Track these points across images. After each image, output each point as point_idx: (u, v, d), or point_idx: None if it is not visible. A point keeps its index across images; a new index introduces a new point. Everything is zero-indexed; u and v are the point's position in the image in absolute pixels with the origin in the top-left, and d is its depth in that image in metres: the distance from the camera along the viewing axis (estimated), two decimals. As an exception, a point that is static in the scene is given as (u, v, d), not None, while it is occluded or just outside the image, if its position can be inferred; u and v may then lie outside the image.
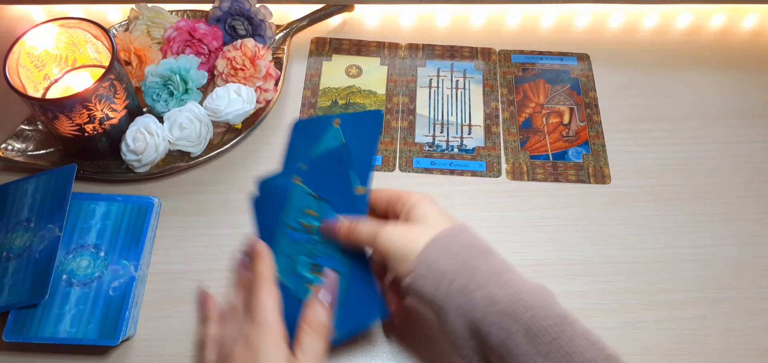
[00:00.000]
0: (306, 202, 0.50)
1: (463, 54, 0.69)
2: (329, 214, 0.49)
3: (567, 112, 0.66)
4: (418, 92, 0.67)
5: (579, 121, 0.65)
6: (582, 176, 0.61)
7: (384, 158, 0.62)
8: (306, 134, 0.53)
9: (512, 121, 0.65)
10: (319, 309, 0.44)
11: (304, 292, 0.47)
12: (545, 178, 0.61)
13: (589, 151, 0.63)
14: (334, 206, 0.49)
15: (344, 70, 0.68)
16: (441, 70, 0.68)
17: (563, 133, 0.64)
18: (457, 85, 0.67)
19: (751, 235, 0.59)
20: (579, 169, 0.62)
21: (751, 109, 0.67)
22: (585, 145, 0.63)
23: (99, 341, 0.50)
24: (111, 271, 0.53)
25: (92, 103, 0.54)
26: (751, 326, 0.54)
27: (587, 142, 0.63)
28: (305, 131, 0.53)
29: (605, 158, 0.62)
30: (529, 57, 0.70)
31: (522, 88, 0.67)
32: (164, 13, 0.66)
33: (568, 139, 0.64)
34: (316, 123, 0.54)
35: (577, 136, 0.64)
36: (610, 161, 0.63)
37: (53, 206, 0.53)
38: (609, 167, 0.62)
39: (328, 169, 0.51)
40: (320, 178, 0.51)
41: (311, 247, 0.49)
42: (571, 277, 0.56)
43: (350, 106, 0.65)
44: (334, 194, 0.50)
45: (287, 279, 0.48)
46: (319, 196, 0.50)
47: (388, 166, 0.62)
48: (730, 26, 0.73)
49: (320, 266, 0.48)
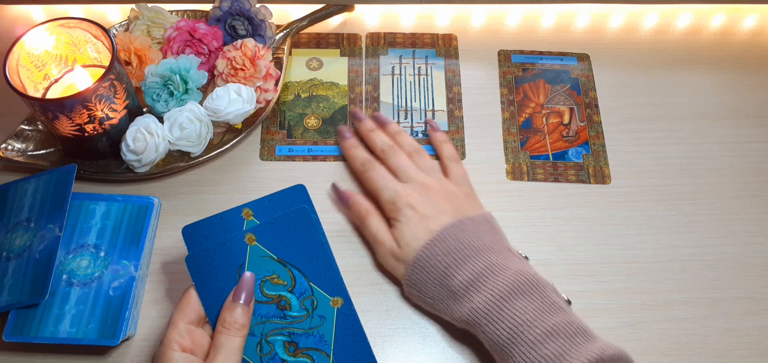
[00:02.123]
0: (269, 267, 0.45)
1: (424, 41, 0.71)
2: (302, 284, 0.45)
3: (567, 112, 0.66)
4: (381, 80, 0.68)
5: (579, 121, 0.65)
6: (582, 176, 0.61)
7: None
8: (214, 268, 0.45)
9: (512, 121, 0.65)
10: (237, 309, 0.43)
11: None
12: (545, 178, 0.61)
13: (589, 152, 0.63)
14: (309, 275, 0.45)
15: (305, 64, 0.69)
16: (403, 57, 0.69)
17: (563, 133, 0.64)
18: (419, 72, 0.68)
19: (751, 235, 0.59)
20: (579, 169, 0.62)
21: (751, 109, 0.67)
22: (585, 145, 0.63)
23: (99, 341, 0.50)
24: (111, 271, 0.53)
25: (92, 103, 0.54)
26: (751, 326, 0.54)
27: (587, 142, 0.64)
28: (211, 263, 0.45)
29: (605, 158, 0.62)
30: (529, 57, 0.70)
31: (522, 88, 0.67)
32: (164, 13, 0.66)
33: (568, 139, 0.64)
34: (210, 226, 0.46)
35: (577, 137, 0.64)
36: (610, 161, 0.63)
37: (53, 206, 0.53)
38: (609, 167, 0.62)
39: (290, 230, 0.45)
40: (281, 239, 0.45)
41: (285, 324, 0.44)
42: (571, 277, 0.56)
43: (313, 99, 0.66)
44: (304, 259, 0.45)
45: (254, 360, 0.44)
46: (284, 261, 0.45)
47: None
48: (730, 26, 0.73)
49: (297, 344, 0.44)
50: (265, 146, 0.63)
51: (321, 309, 0.45)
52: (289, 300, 0.45)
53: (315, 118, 0.65)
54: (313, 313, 0.45)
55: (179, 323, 0.43)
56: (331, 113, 0.65)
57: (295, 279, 0.45)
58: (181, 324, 0.43)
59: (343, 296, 0.46)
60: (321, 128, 0.64)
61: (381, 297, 0.54)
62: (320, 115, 0.65)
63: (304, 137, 0.64)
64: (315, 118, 0.65)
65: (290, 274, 0.45)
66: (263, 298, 0.45)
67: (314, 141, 0.63)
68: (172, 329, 0.42)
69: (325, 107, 0.66)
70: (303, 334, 0.44)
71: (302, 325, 0.45)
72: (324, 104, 0.66)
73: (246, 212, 0.47)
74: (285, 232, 0.45)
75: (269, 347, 0.44)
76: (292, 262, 0.45)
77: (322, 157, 0.62)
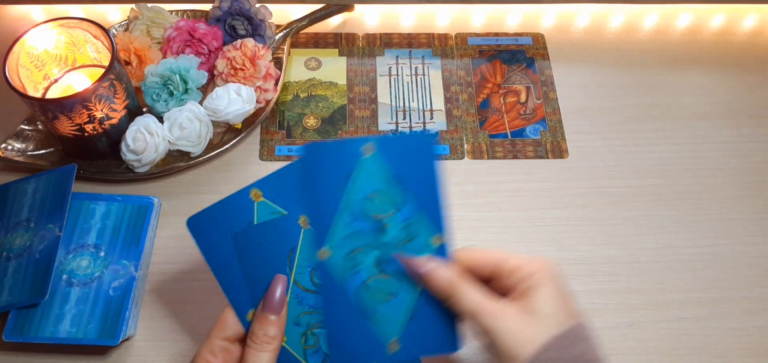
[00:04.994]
0: (373, 184, 0.42)
1: (420, 41, 0.71)
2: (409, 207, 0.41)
3: (523, 90, 0.67)
4: (379, 81, 0.68)
5: (536, 99, 0.67)
6: (540, 152, 0.63)
7: None
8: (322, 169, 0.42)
9: (470, 103, 0.66)
10: (264, 321, 0.41)
11: None
12: (504, 155, 0.63)
13: (546, 128, 0.65)
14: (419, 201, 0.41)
15: (303, 64, 0.69)
16: (399, 57, 0.69)
17: (520, 112, 0.66)
18: (416, 72, 0.69)
19: (751, 235, 0.59)
20: (537, 145, 0.64)
21: (751, 109, 0.67)
22: (542, 121, 0.65)
23: (99, 341, 0.50)
24: (111, 271, 0.53)
25: (92, 103, 0.54)
26: (751, 326, 0.54)
27: (544, 119, 0.65)
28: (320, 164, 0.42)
29: (562, 133, 0.64)
30: (485, 39, 0.72)
31: (479, 69, 0.69)
32: (164, 13, 0.66)
33: (525, 117, 0.65)
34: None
35: (534, 114, 0.66)
36: (609, 160, 0.63)
37: (53, 206, 0.54)
38: (566, 142, 0.64)
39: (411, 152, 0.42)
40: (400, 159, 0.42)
41: (378, 245, 0.42)
42: (571, 277, 0.56)
43: (312, 98, 0.66)
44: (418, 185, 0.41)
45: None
46: (399, 179, 0.42)
47: None
48: (730, 26, 0.73)
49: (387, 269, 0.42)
50: (265, 146, 0.63)
51: (419, 242, 0.42)
52: (389, 224, 0.42)
53: (314, 118, 0.65)
54: (409, 243, 0.42)
55: (214, 339, 0.41)
56: (330, 113, 0.65)
57: (404, 202, 0.42)
58: (216, 340, 0.41)
59: (443, 236, 0.43)
60: (320, 128, 0.64)
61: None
62: (319, 115, 0.65)
63: (303, 137, 0.64)
64: (314, 118, 0.65)
65: (401, 197, 0.42)
66: (362, 215, 0.42)
67: (314, 141, 0.64)
68: (205, 345, 0.41)
69: (324, 107, 0.66)
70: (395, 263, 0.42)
71: (395, 250, 0.42)
72: (323, 104, 0.66)
73: (254, 193, 0.43)
74: (406, 153, 0.42)
75: (354, 262, 0.41)
76: (406, 183, 0.42)
77: (322, 157, 0.62)
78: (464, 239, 0.58)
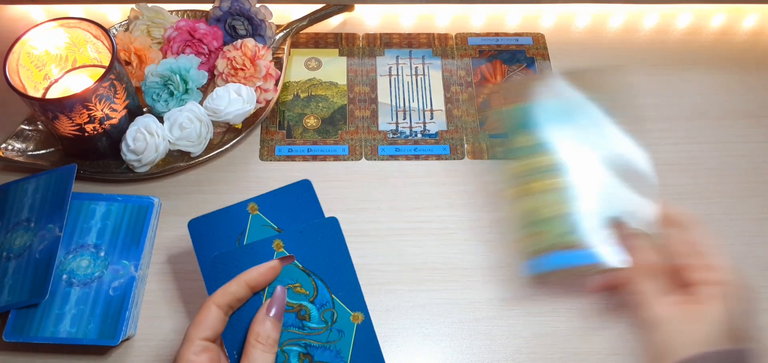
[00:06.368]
0: (292, 275, 0.44)
1: (420, 41, 0.71)
2: (324, 295, 0.44)
3: None
4: (379, 81, 0.68)
5: None
6: None
7: (350, 148, 0.63)
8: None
9: (471, 103, 0.66)
10: (268, 323, 0.42)
11: None
12: None
13: None
14: (332, 287, 0.44)
15: (303, 64, 0.69)
16: (399, 57, 0.69)
17: None
18: (417, 72, 0.68)
19: (751, 235, 0.59)
20: None
21: (751, 109, 0.67)
22: None
23: (99, 341, 0.50)
24: (111, 271, 0.53)
25: (92, 103, 0.54)
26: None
27: None
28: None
29: None
30: (485, 39, 0.71)
31: (479, 69, 0.69)
32: (164, 13, 0.66)
33: None
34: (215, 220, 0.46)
35: None
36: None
37: (53, 206, 0.54)
38: None
39: (317, 239, 0.45)
40: (307, 247, 0.44)
41: (303, 335, 0.43)
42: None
43: (312, 98, 0.66)
44: (329, 270, 0.44)
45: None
46: (309, 270, 0.44)
47: (354, 155, 0.62)
48: (730, 26, 0.73)
49: (312, 357, 0.43)
50: (265, 146, 0.63)
51: (340, 323, 0.44)
52: (309, 310, 0.44)
53: (314, 118, 0.65)
54: (332, 327, 0.43)
55: (195, 340, 0.41)
56: (330, 113, 0.65)
57: (317, 289, 0.44)
58: (197, 341, 0.41)
59: (363, 313, 0.44)
60: (320, 128, 0.64)
61: (381, 297, 0.54)
62: (319, 115, 0.65)
63: (303, 137, 0.64)
64: (314, 118, 0.65)
65: (313, 284, 0.44)
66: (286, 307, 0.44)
67: (314, 141, 0.63)
68: (187, 346, 0.41)
69: (325, 107, 0.66)
70: (320, 347, 0.43)
71: (320, 337, 0.43)
72: (323, 104, 0.66)
73: (251, 206, 0.47)
74: (312, 241, 0.45)
75: (284, 356, 0.43)
76: (316, 272, 0.44)
77: (322, 157, 0.62)
78: (464, 239, 0.58)
